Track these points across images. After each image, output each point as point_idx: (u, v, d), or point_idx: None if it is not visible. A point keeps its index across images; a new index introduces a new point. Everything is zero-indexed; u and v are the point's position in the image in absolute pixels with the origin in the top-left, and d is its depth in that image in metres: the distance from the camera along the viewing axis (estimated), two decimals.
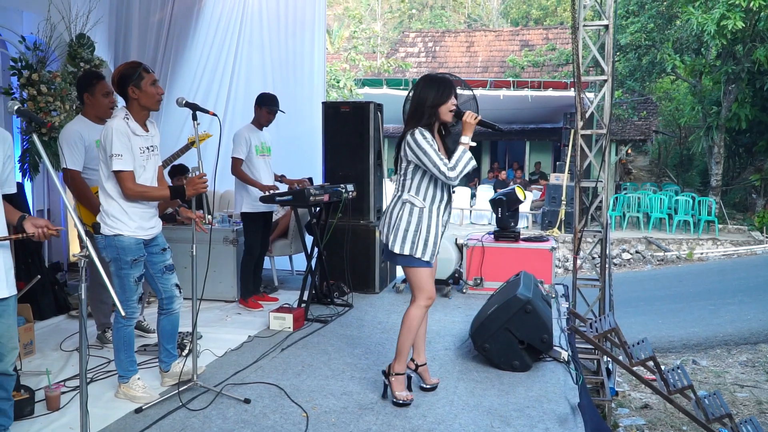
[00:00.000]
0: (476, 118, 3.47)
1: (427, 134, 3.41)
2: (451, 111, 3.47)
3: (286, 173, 6.04)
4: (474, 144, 3.48)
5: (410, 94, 3.66)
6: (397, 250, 3.48)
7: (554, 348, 4.33)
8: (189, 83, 7.52)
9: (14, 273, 2.82)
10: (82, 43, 6.32)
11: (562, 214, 14.93)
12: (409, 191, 3.50)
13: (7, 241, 2.72)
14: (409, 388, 3.71)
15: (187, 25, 7.42)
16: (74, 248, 6.79)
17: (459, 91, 6.60)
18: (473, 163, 3.45)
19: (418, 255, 3.46)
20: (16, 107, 2.62)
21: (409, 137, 3.42)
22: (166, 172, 6.12)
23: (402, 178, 3.54)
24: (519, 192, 6.40)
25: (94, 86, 4.27)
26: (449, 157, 3.40)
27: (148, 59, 7.01)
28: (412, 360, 3.81)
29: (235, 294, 5.82)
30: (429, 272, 3.55)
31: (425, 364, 3.84)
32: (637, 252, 14.88)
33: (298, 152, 7.61)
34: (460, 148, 3.42)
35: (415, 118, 3.46)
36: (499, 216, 6.39)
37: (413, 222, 3.47)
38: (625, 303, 10.26)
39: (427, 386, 3.82)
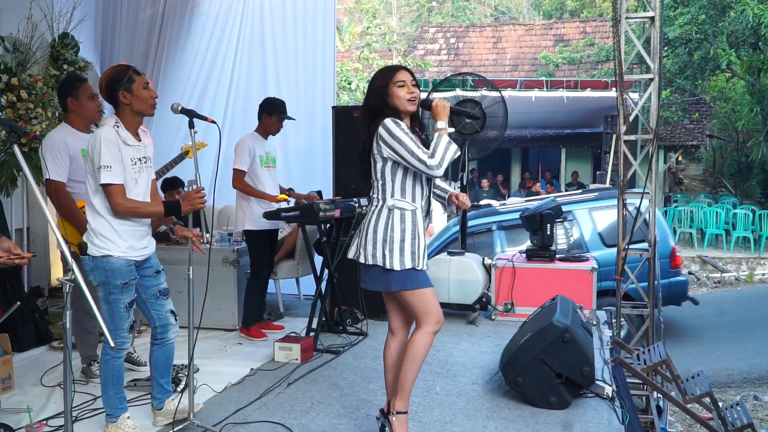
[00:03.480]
0: (447, 103, 3.46)
1: (401, 123, 3.37)
2: (410, 100, 3.40)
3: (293, 187, 6.09)
4: (452, 130, 3.43)
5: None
6: (397, 267, 3.34)
7: (596, 382, 4.30)
8: (183, 87, 7.61)
9: None
10: (66, 44, 6.44)
11: None
12: (392, 195, 3.41)
13: None
14: None
15: (181, 22, 7.53)
16: (57, 271, 6.87)
17: (485, 92, 6.67)
18: (454, 147, 3.36)
19: (421, 266, 3.38)
20: None
21: (380, 129, 3.34)
22: (158, 185, 6.20)
23: (379, 182, 3.43)
24: None
25: (77, 89, 4.35)
26: None
27: (137, 61, 7.12)
28: (389, 404, 3.64)
29: (235, 321, 5.85)
30: (433, 291, 3.49)
31: (406, 412, 3.67)
32: (690, 273, 14.74)
33: (306, 163, 7.68)
34: (435, 135, 3.37)
35: (366, 113, 3.44)
36: (548, 232, 6.34)
37: (408, 229, 3.38)
38: (678, 331, 10.18)
39: None
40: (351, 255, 3.59)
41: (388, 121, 3.35)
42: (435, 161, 3.29)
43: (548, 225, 6.34)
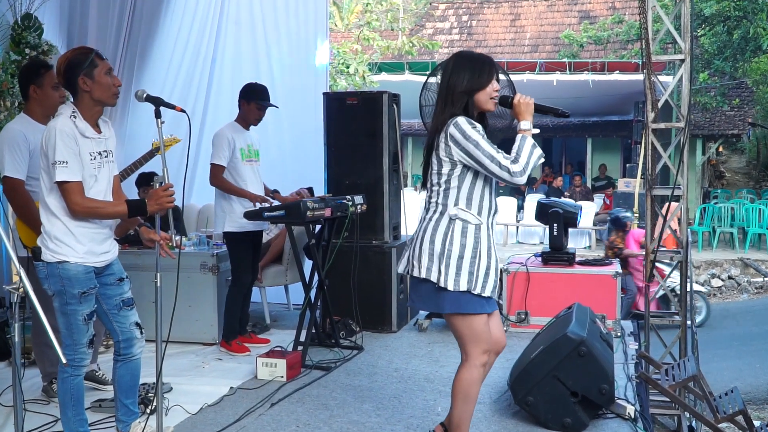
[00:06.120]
0: (530, 99, 3.37)
1: (476, 124, 3.30)
2: (492, 98, 3.36)
3: (280, 183, 6.08)
4: (537, 131, 3.33)
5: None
6: (451, 286, 3.28)
7: (617, 401, 4.29)
8: (163, 73, 7.56)
9: None
10: (28, 26, 6.43)
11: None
12: (456, 204, 3.35)
13: None
14: None
15: (159, 0, 7.50)
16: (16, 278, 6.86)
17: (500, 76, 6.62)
18: (539, 151, 3.28)
19: (478, 290, 3.30)
20: None
21: (452, 128, 3.26)
22: (133, 181, 6.18)
23: (442, 186, 3.37)
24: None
25: (42, 77, 4.35)
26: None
27: (109, 44, 7.08)
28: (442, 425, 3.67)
29: (215, 334, 5.84)
30: (486, 319, 3.41)
31: None
32: (730, 278, 14.69)
33: (294, 156, 7.64)
34: (518, 136, 3.30)
35: (442, 107, 3.37)
36: (555, 234, 6.33)
37: (468, 245, 3.31)
38: (714, 343, 10.13)
39: None
40: (401, 269, 3.54)
41: (461, 121, 3.27)
42: (519, 167, 3.20)
43: (554, 225, 6.32)
